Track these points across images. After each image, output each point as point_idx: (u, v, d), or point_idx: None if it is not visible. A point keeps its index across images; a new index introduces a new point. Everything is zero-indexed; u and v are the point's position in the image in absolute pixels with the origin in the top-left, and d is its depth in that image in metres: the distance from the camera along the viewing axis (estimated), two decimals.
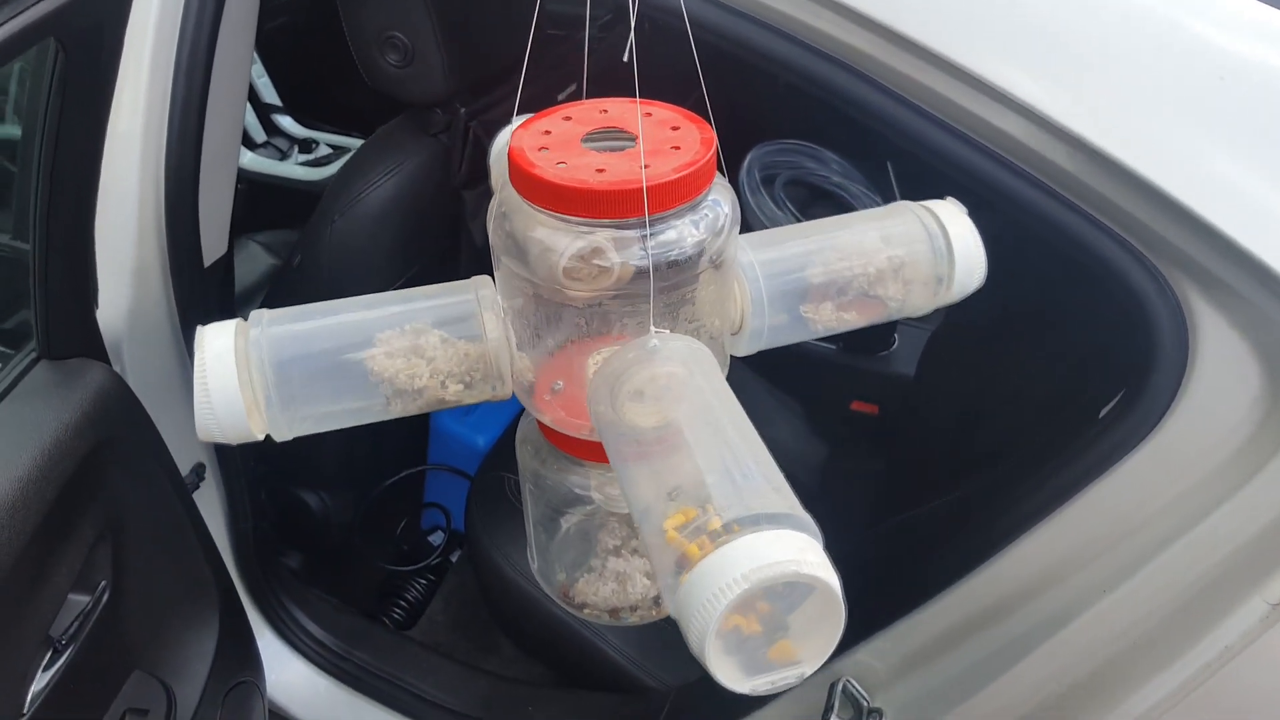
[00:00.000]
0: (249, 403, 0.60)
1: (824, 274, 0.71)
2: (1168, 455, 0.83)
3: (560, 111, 0.65)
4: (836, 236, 0.73)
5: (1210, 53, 0.78)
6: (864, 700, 1.04)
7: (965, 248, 0.72)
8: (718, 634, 0.46)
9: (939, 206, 0.74)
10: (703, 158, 0.58)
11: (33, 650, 0.97)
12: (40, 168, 0.93)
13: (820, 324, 0.72)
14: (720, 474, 0.52)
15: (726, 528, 0.48)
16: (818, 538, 0.48)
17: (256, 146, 2.54)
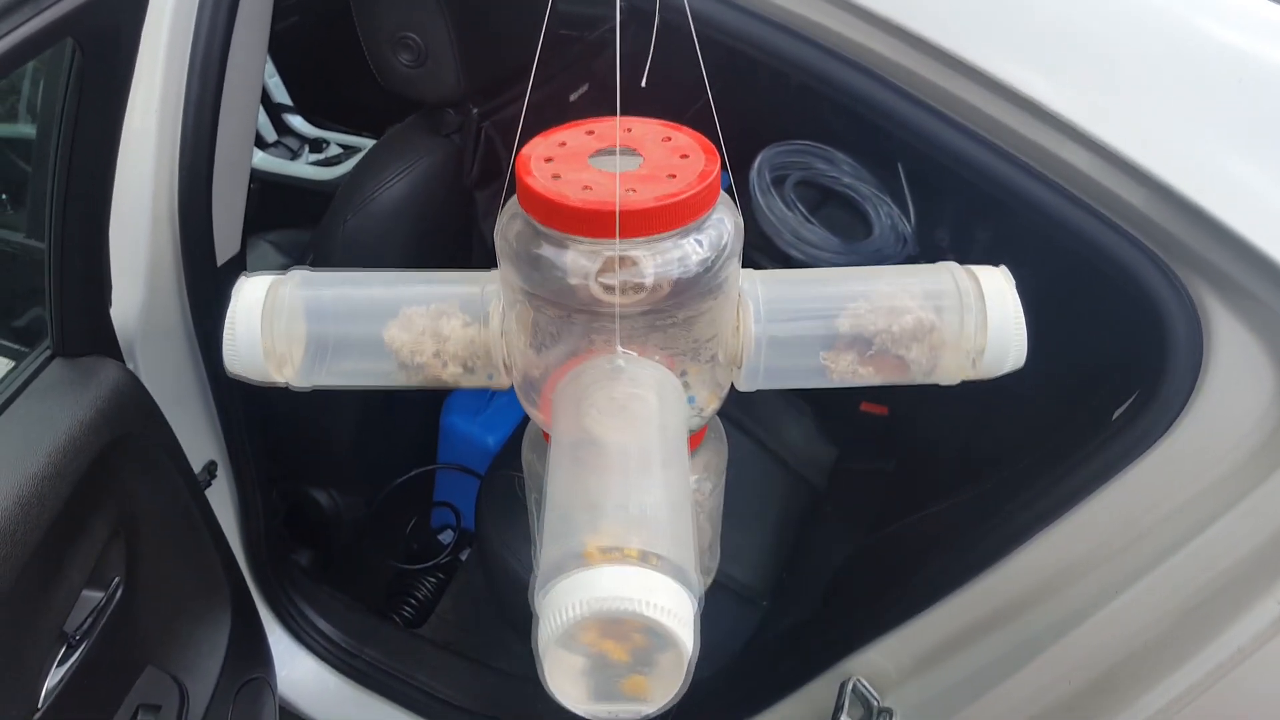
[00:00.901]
0: (268, 351, 0.65)
1: (845, 323, 0.65)
2: (1181, 458, 0.83)
3: (583, 126, 0.65)
4: (866, 285, 0.66)
5: (1227, 55, 0.78)
6: (874, 700, 1.04)
7: (1001, 322, 0.63)
8: (559, 643, 0.48)
9: (984, 273, 0.65)
10: (687, 192, 0.58)
11: (47, 645, 0.98)
12: (56, 167, 0.93)
13: (837, 374, 0.67)
14: (632, 504, 0.53)
15: (606, 551, 0.49)
16: (693, 593, 0.49)
17: (267, 146, 2.55)
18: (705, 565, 0.80)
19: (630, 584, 0.48)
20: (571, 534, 0.51)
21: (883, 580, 1.15)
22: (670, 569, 0.49)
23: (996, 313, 0.63)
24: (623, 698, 0.51)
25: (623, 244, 0.58)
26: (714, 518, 0.80)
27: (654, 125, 0.65)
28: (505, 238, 0.62)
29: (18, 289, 1.38)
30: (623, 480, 0.55)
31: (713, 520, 0.80)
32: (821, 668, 1.12)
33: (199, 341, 1.32)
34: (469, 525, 1.88)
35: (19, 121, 1.49)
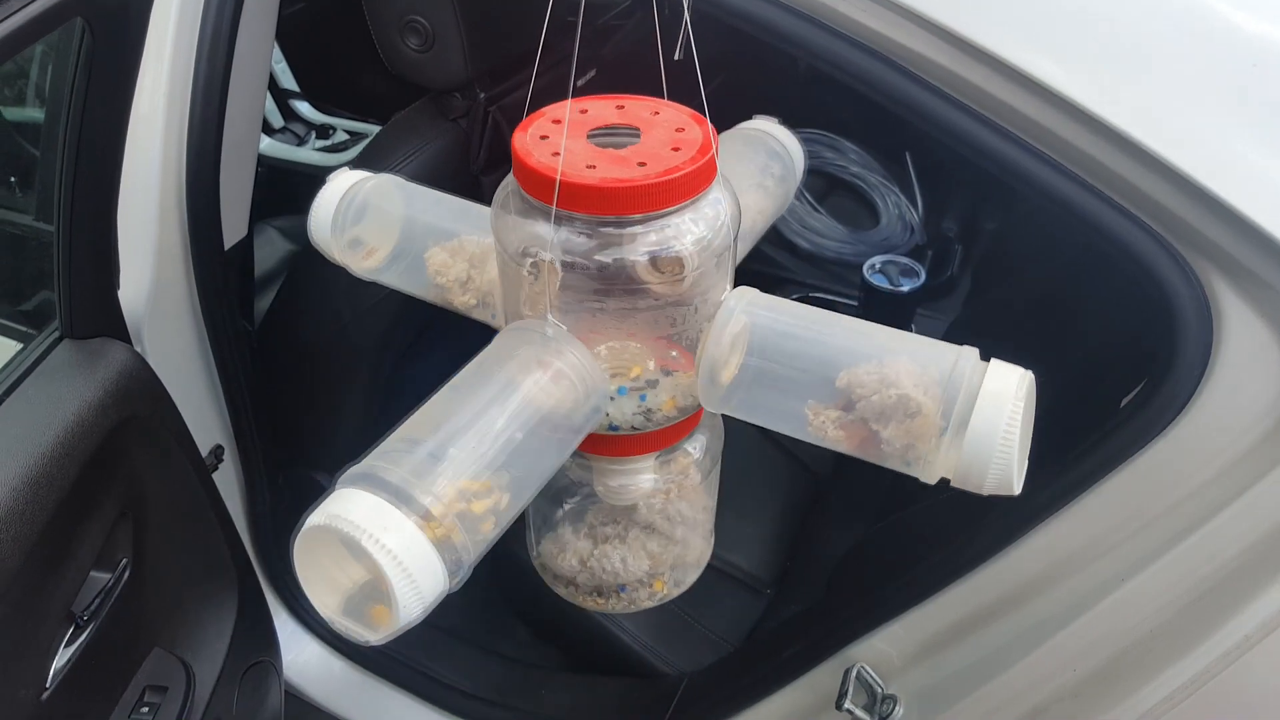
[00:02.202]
0: (336, 233, 0.76)
1: (843, 379, 0.61)
2: (1189, 445, 0.82)
3: (576, 104, 0.66)
4: (874, 344, 0.62)
5: (1240, 38, 0.77)
6: (878, 687, 1.04)
7: (983, 433, 0.55)
8: (300, 544, 0.53)
9: (997, 370, 0.58)
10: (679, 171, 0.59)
11: (55, 626, 0.99)
12: (64, 149, 0.93)
13: (814, 428, 0.61)
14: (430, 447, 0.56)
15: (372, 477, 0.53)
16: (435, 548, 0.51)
17: (274, 132, 2.55)
18: (700, 555, 0.80)
19: (365, 512, 0.51)
20: (374, 452, 0.55)
21: (887, 567, 1.15)
22: (410, 507, 0.52)
23: (981, 420, 0.55)
24: (362, 621, 0.53)
25: (618, 221, 0.59)
26: (709, 504, 0.80)
27: (645, 101, 0.66)
28: (497, 208, 0.66)
29: (26, 271, 1.39)
30: (448, 423, 0.58)
31: (707, 509, 0.80)
32: (825, 655, 1.12)
33: (206, 325, 1.32)
34: None
35: (28, 105, 1.49)
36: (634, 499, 0.73)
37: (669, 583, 0.78)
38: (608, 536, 0.75)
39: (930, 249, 2.07)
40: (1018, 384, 0.56)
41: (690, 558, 0.78)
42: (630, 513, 0.75)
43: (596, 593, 0.77)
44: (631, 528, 0.75)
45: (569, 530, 0.77)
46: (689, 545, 0.78)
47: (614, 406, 0.66)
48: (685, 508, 0.75)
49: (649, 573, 0.76)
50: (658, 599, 0.78)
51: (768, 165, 0.86)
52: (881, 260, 1.85)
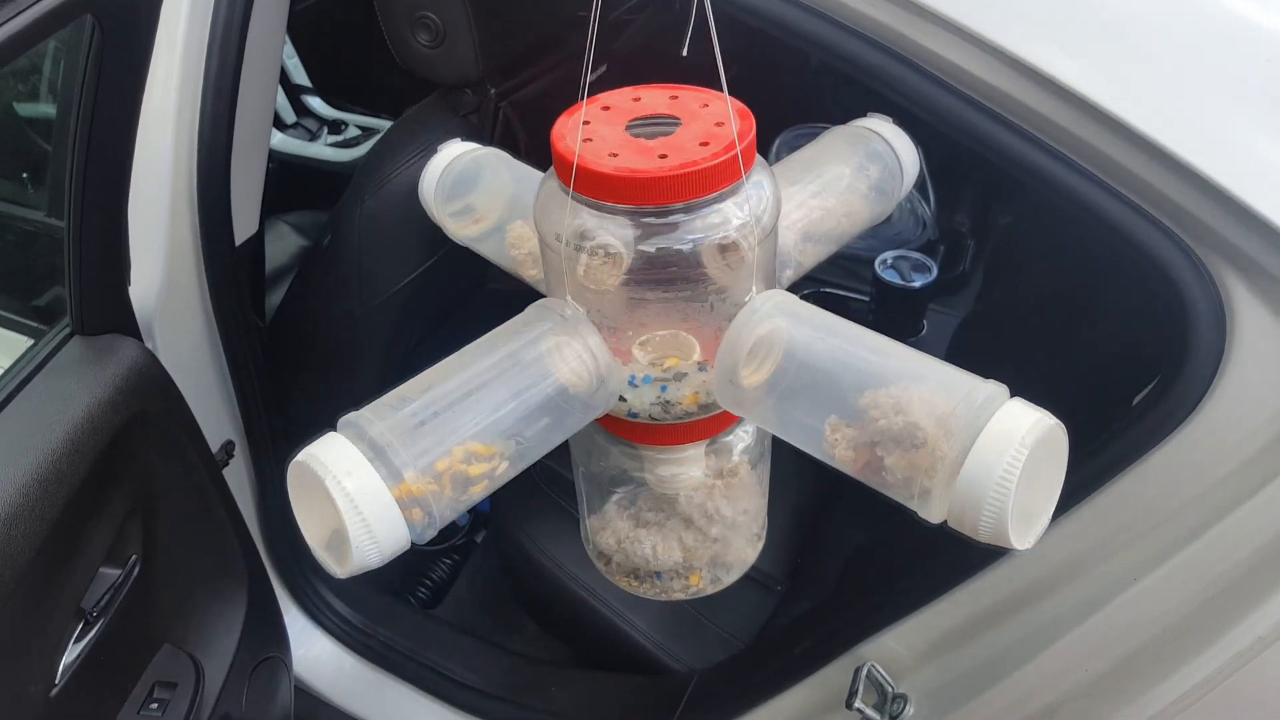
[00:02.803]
0: (440, 199, 0.81)
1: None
2: (1202, 444, 0.82)
3: (630, 93, 0.68)
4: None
5: (1254, 33, 0.77)
6: (889, 686, 1.03)
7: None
8: (290, 474, 0.57)
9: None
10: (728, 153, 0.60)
11: (65, 621, 0.99)
12: (75, 145, 0.93)
13: (828, 445, 0.62)
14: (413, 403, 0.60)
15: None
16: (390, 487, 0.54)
17: (286, 127, 2.55)
18: (741, 555, 0.80)
19: (336, 457, 0.54)
20: (370, 404, 0.58)
21: (898, 565, 1.15)
22: (380, 460, 0.54)
23: (977, 461, 0.52)
24: (335, 556, 0.56)
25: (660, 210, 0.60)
26: (751, 506, 0.80)
27: (696, 92, 0.66)
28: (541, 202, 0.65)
29: (38, 267, 1.39)
30: (444, 385, 0.60)
31: (749, 511, 0.80)
32: (836, 653, 1.11)
33: (217, 320, 1.32)
34: (484, 507, 1.89)
35: (40, 101, 1.50)
36: (683, 488, 0.73)
37: (706, 579, 0.78)
38: (648, 523, 0.76)
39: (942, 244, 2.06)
40: (1029, 429, 0.52)
41: (730, 557, 0.78)
42: (673, 503, 0.75)
43: (633, 574, 0.78)
44: (672, 518, 0.75)
45: (614, 509, 0.77)
46: (728, 544, 0.77)
47: (634, 394, 0.66)
48: (725, 506, 0.75)
49: (683, 564, 0.76)
50: (691, 592, 0.78)
51: (864, 166, 0.85)
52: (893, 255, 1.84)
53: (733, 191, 0.61)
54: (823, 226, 0.81)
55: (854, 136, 0.87)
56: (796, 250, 0.80)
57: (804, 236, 0.80)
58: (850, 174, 0.83)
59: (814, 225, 0.80)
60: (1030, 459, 0.50)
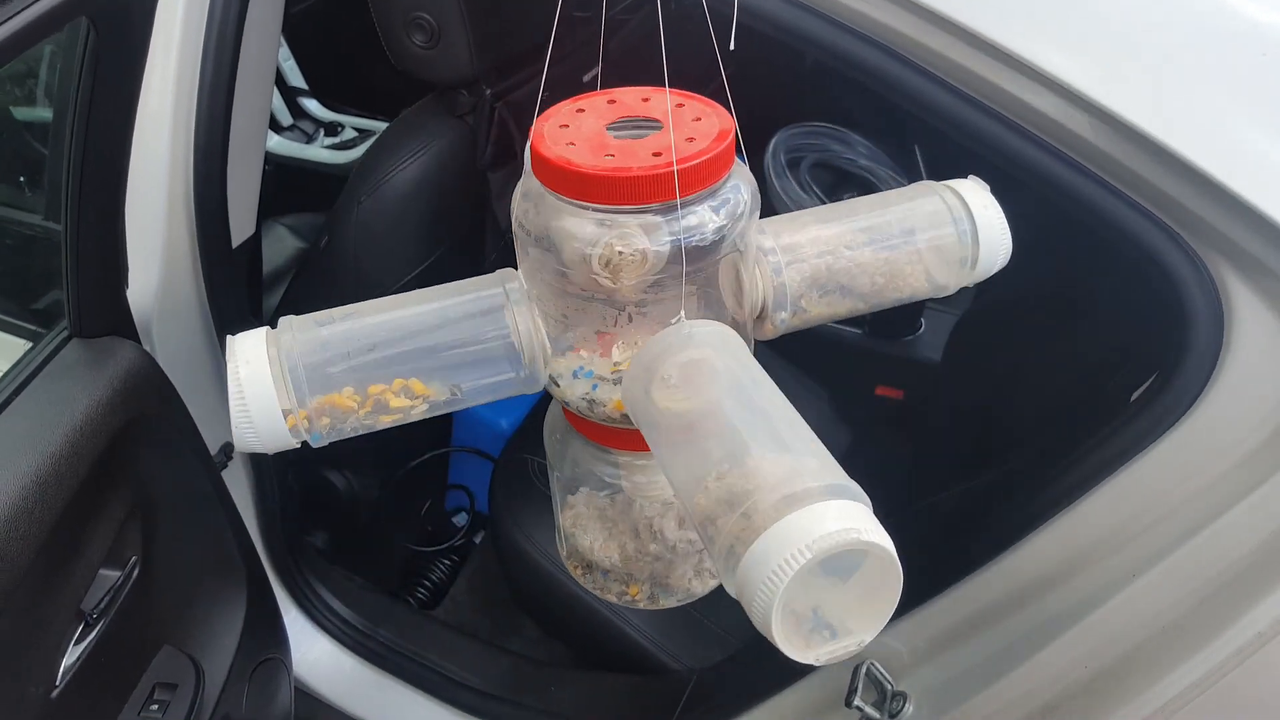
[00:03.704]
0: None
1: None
2: (1200, 440, 0.82)
3: (597, 98, 0.66)
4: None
5: (1251, 28, 0.77)
6: (888, 683, 1.03)
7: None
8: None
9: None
10: (718, 147, 0.59)
11: (65, 623, 0.99)
12: (71, 148, 0.93)
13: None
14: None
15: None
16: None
17: (282, 129, 2.55)
18: (684, 583, 0.80)
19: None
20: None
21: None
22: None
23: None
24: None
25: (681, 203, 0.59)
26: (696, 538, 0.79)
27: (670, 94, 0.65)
28: (537, 224, 0.62)
29: (35, 270, 1.39)
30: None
31: (693, 542, 0.79)
32: None
33: (214, 323, 1.32)
34: (483, 508, 1.89)
35: (36, 104, 1.50)
36: (657, 498, 0.73)
37: (644, 593, 0.76)
38: (605, 517, 0.75)
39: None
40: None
41: (671, 580, 0.76)
42: (630, 509, 0.75)
43: (582, 563, 0.77)
44: (624, 522, 0.75)
45: (585, 495, 0.76)
46: (670, 567, 0.75)
47: (567, 383, 0.66)
48: (671, 528, 0.73)
49: (620, 569, 0.75)
50: (626, 600, 0.77)
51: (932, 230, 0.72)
52: None
53: (710, 194, 0.60)
54: (843, 279, 0.70)
55: (933, 195, 0.73)
56: (802, 294, 0.70)
57: (815, 283, 0.70)
58: (909, 234, 0.72)
59: (833, 276, 0.70)
60: (812, 568, 0.46)
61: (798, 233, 0.71)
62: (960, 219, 0.71)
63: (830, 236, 0.71)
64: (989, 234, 0.71)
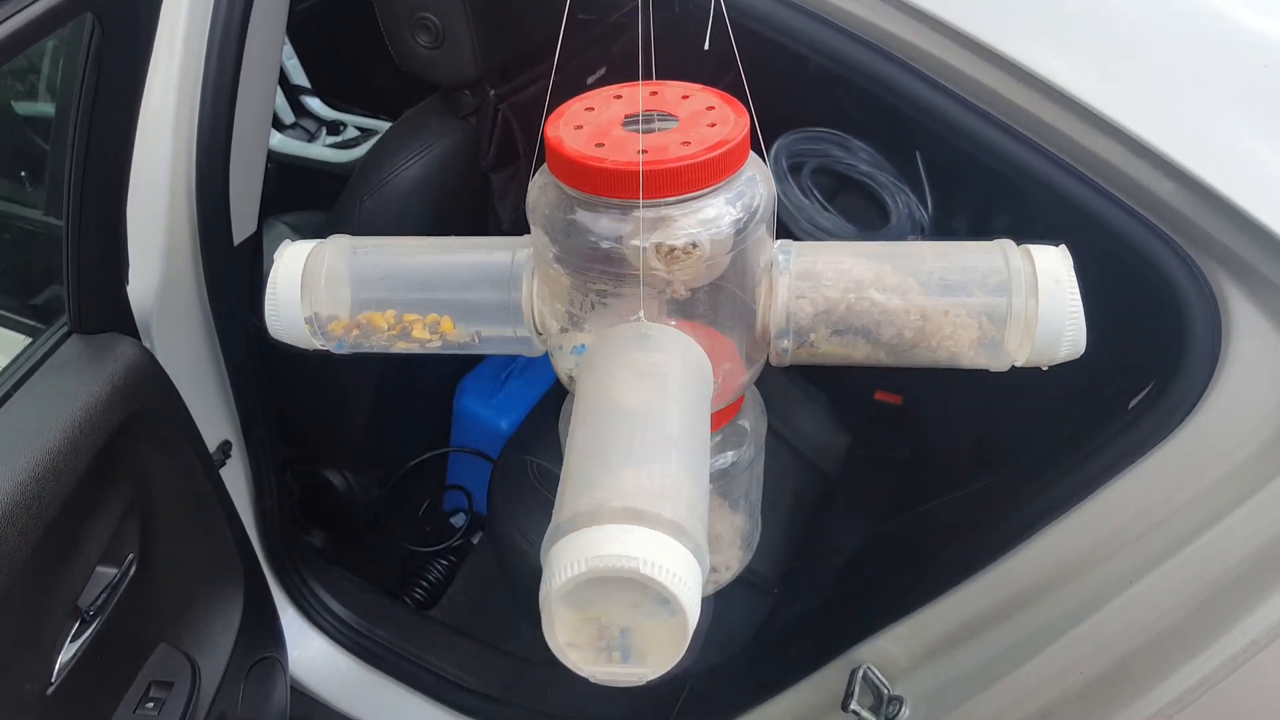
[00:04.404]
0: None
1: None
2: (1197, 448, 0.82)
3: (610, 90, 0.67)
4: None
5: (1252, 40, 0.77)
6: (884, 688, 1.03)
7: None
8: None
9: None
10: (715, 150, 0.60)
11: (61, 620, 0.99)
12: (74, 144, 0.93)
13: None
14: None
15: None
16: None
17: (285, 128, 2.55)
18: (740, 555, 0.80)
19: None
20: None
21: (894, 568, 1.15)
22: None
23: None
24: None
25: (655, 205, 0.59)
26: (754, 495, 0.80)
27: (680, 87, 0.66)
28: (537, 207, 0.64)
29: (36, 266, 1.39)
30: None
31: (752, 500, 0.80)
32: (832, 655, 1.11)
33: (215, 320, 1.32)
34: (481, 509, 1.89)
35: (39, 99, 1.50)
36: None
37: None
38: None
39: None
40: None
41: None
42: None
43: None
44: None
45: None
46: None
47: (562, 355, 0.69)
48: None
49: None
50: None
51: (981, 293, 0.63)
52: None
53: (726, 186, 0.61)
54: (864, 322, 0.64)
55: (997, 252, 0.64)
56: (811, 329, 0.65)
57: (828, 319, 0.65)
58: (954, 290, 0.63)
59: (853, 316, 0.64)
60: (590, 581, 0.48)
61: (826, 261, 0.66)
62: (1019, 287, 0.61)
63: (861, 273, 0.64)
64: (1052, 313, 0.60)
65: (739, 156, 0.61)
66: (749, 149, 0.63)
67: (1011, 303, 0.61)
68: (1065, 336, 0.60)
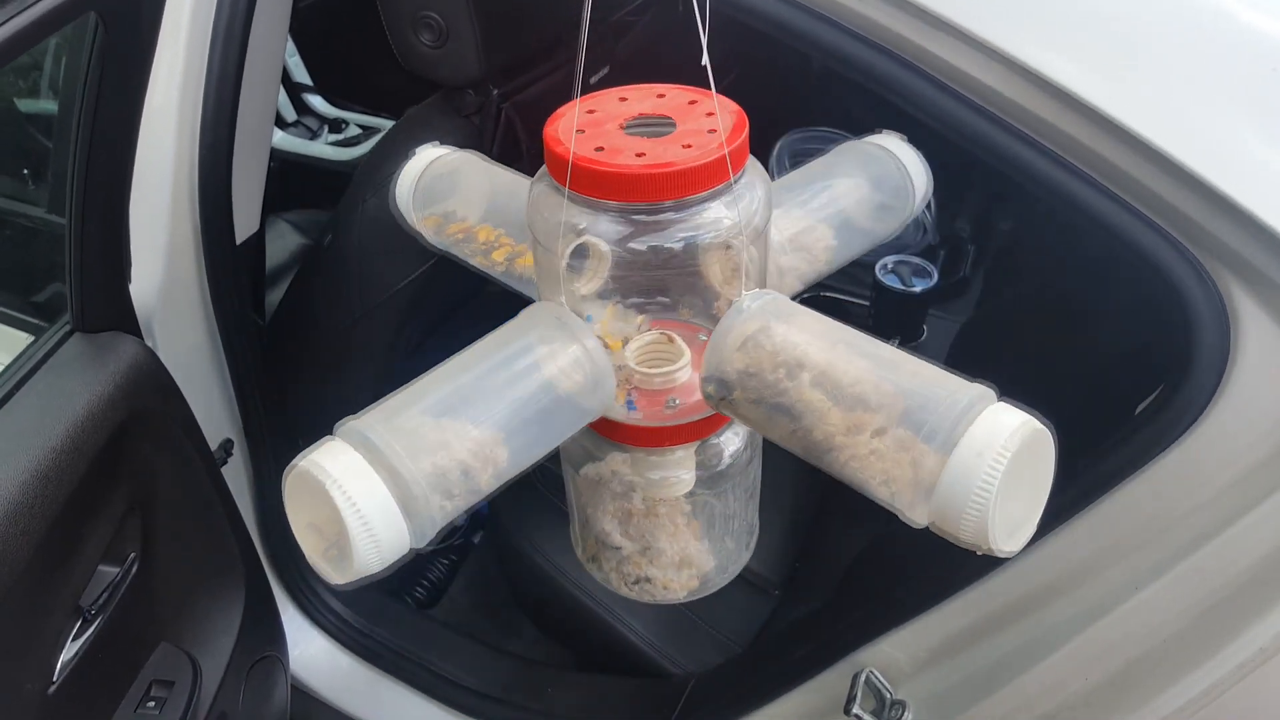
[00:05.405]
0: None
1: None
2: (1205, 453, 0.81)
3: (615, 93, 0.67)
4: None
5: (1259, 42, 0.77)
6: (887, 692, 1.03)
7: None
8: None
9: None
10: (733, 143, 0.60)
11: (63, 619, 0.99)
12: (77, 142, 0.93)
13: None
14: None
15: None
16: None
17: (287, 126, 2.55)
18: (737, 556, 0.80)
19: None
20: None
21: (897, 571, 1.15)
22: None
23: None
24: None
25: (650, 208, 0.60)
26: (753, 493, 0.80)
27: (685, 91, 0.66)
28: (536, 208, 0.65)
29: (38, 264, 1.39)
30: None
31: (752, 496, 0.80)
32: (834, 658, 1.11)
33: (217, 319, 1.32)
34: (482, 508, 1.88)
35: (41, 97, 1.50)
36: (673, 493, 0.73)
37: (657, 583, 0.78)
38: (620, 511, 0.75)
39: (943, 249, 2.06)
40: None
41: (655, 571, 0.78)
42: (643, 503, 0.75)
43: (592, 557, 0.79)
44: (638, 514, 0.75)
45: (599, 487, 0.77)
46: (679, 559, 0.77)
47: None
48: (680, 522, 0.75)
49: (632, 561, 0.76)
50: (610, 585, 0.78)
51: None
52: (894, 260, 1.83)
53: (724, 190, 0.61)
54: (781, 402, 0.62)
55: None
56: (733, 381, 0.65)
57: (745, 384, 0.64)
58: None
59: (772, 394, 0.63)
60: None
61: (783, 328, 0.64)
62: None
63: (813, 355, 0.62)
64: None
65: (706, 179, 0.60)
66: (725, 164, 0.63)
67: (918, 454, 0.54)
68: (966, 518, 0.51)
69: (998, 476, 0.50)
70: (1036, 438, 0.52)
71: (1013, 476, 0.50)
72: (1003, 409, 0.53)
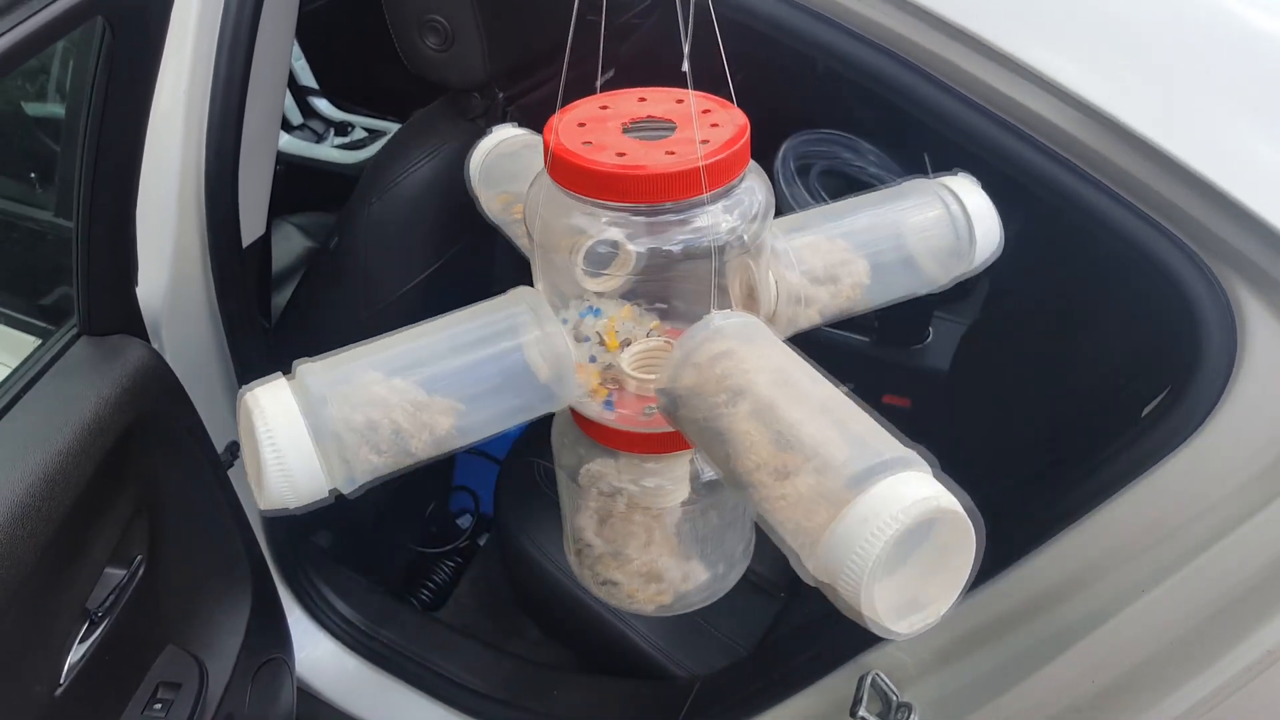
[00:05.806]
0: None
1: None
2: (1211, 456, 0.81)
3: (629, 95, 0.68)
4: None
5: (1267, 44, 0.76)
6: (893, 695, 1.03)
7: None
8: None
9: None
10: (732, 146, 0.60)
11: (70, 621, 0.99)
12: (85, 146, 0.93)
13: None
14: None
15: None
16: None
17: (293, 129, 2.55)
18: (724, 578, 0.80)
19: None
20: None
21: None
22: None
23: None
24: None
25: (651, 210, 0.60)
26: (741, 518, 0.79)
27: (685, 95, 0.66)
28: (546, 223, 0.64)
29: (45, 267, 1.39)
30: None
31: (743, 520, 0.79)
32: (840, 661, 1.11)
33: (223, 322, 1.32)
34: (488, 510, 1.89)
35: (49, 101, 1.50)
36: (666, 503, 0.73)
37: (647, 596, 0.77)
38: (611, 520, 0.75)
39: None
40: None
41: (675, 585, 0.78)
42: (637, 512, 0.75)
43: (580, 556, 0.78)
44: (632, 525, 0.75)
45: (592, 496, 0.77)
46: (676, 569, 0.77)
47: (582, 371, 0.67)
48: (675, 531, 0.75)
49: (627, 572, 0.76)
50: (633, 606, 0.78)
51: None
52: None
53: (701, 202, 0.61)
54: (715, 426, 0.60)
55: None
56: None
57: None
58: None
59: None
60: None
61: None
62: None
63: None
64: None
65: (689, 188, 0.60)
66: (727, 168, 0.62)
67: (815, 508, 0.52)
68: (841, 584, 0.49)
69: (878, 547, 0.46)
70: (944, 518, 0.48)
71: (903, 549, 0.47)
72: (912, 479, 0.50)
